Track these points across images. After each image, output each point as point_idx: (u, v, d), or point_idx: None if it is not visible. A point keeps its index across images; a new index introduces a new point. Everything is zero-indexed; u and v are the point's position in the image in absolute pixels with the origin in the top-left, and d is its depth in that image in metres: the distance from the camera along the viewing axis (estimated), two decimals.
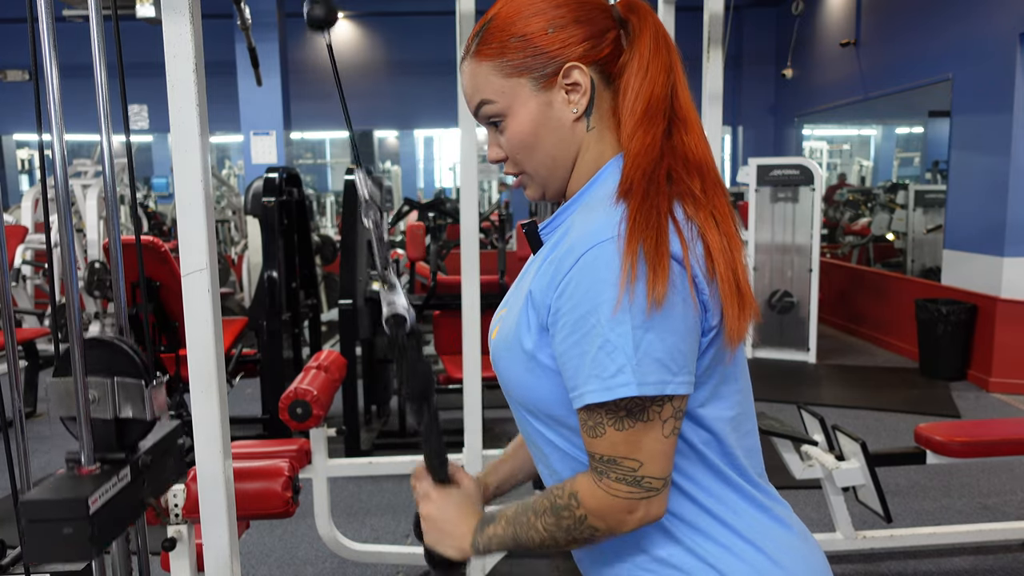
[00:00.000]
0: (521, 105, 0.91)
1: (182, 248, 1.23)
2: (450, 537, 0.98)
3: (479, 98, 0.93)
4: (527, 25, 0.89)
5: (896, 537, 2.79)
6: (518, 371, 0.91)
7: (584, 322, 0.81)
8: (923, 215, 7.51)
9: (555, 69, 0.89)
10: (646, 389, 0.79)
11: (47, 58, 1.01)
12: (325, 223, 9.51)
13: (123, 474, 1.03)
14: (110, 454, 1.04)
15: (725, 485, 0.90)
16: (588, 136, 0.93)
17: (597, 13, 0.91)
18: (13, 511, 1.23)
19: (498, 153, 0.96)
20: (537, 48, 0.89)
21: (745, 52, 10.36)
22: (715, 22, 2.37)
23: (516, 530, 0.91)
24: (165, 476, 1.14)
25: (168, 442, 1.14)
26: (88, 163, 6.79)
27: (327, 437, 2.60)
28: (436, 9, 7.99)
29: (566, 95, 0.91)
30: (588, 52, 0.90)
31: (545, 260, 0.89)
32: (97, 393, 1.04)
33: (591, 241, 0.82)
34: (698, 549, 0.88)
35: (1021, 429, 2.86)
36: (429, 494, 1.02)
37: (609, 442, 0.83)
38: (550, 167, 0.94)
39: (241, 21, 4.79)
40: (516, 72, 0.90)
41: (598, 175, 0.93)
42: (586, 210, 0.90)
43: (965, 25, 5.79)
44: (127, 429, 1.06)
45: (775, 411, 3.30)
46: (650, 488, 0.83)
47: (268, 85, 7.79)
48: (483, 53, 0.92)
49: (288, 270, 4.44)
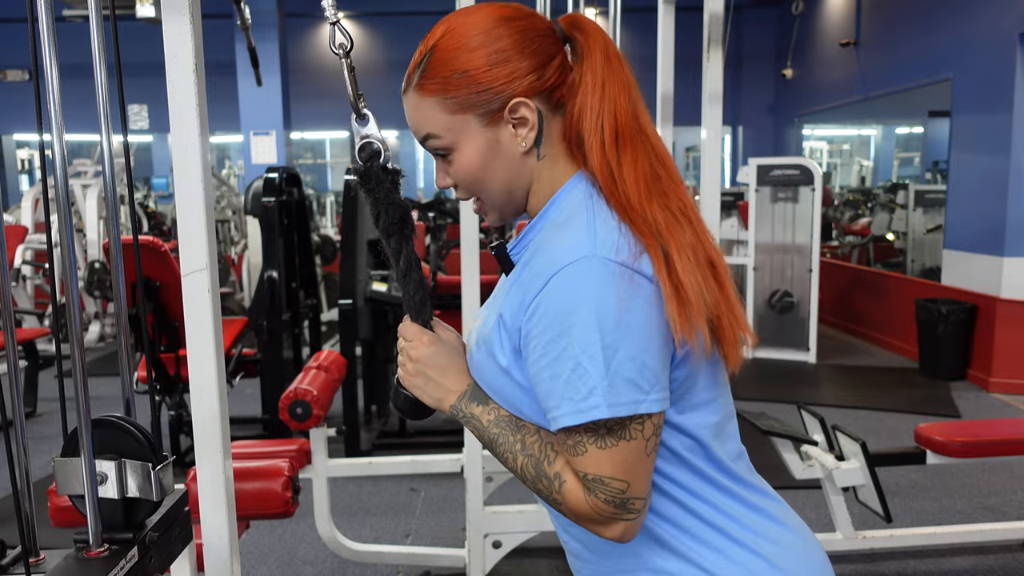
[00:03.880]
0: (468, 141, 0.89)
1: (182, 248, 1.23)
2: (435, 387, 0.94)
3: (424, 131, 0.92)
4: (468, 60, 0.87)
5: (896, 537, 2.79)
6: (492, 380, 0.91)
7: (555, 345, 0.81)
8: (923, 215, 7.51)
9: (500, 105, 0.88)
10: (618, 410, 0.79)
11: (47, 58, 1.01)
12: (325, 223, 9.51)
13: (131, 555, 1.03)
14: (117, 534, 1.04)
15: (715, 488, 0.89)
16: (539, 165, 0.92)
17: (540, 41, 0.89)
18: (13, 511, 1.23)
19: (446, 181, 0.95)
20: (480, 84, 0.87)
21: (745, 52, 10.36)
22: (715, 22, 2.37)
23: (498, 436, 0.90)
24: (171, 550, 1.14)
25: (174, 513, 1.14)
26: (88, 163, 6.80)
27: (327, 437, 2.60)
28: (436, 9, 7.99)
29: (513, 129, 0.89)
30: (533, 84, 0.88)
31: (514, 281, 0.89)
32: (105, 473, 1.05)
33: (559, 263, 0.82)
34: (693, 555, 0.88)
35: (1021, 429, 2.87)
36: (420, 337, 0.96)
37: (592, 460, 0.82)
38: (504, 197, 0.93)
39: (241, 21, 4.80)
40: (460, 109, 0.88)
41: (559, 193, 0.92)
42: (552, 228, 0.89)
43: (965, 25, 5.79)
44: (135, 509, 1.07)
45: (775, 411, 3.30)
46: (633, 510, 0.83)
47: (268, 85, 7.80)
48: (426, 88, 0.89)
49: (288, 270, 4.44)
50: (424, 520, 3.34)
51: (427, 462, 2.81)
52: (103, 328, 6.49)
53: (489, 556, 2.53)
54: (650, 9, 2.86)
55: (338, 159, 13.56)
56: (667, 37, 2.68)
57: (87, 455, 1.01)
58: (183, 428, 3.87)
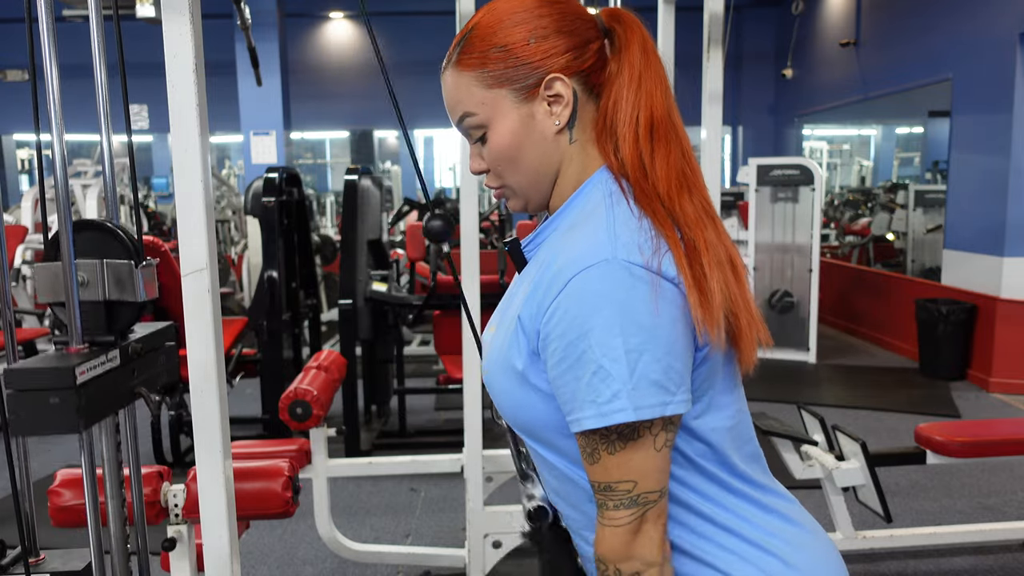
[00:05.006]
0: (503, 117, 0.90)
1: (182, 248, 1.23)
2: None
3: (461, 110, 0.92)
4: (508, 35, 0.88)
5: (896, 537, 2.79)
6: (511, 392, 0.90)
7: (575, 347, 0.80)
8: (923, 215, 7.51)
9: (537, 80, 0.88)
10: (643, 413, 0.79)
11: (47, 58, 1.01)
12: (325, 223, 9.51)
13: (112, 355, 1.00)
14: (100, 337, 1.01)
15: (728, 492, 0.89)
16: (571, 148, 0.92)
17: (580, 23, 0.90)
18: (13, 511, 1.23)
19: (480, 164, 0.95)
20: (518, 59, 0.88)
21: (745, 52, 10.36)
22: (715, 22, 2.37)
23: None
24: (156, 371, 1.12)
25: (159, 338, 1.11)
26: (88, 163, 6.80)
27: (327, 437, 2.60)
28: (436, 9, 7.98)
29: (548, 107, 0.89)
30: (571, 63, 0.88)
31: (532, 282, 0.88)
32: (87, 276, 1.02)
33: (579, 265, 0.81)
34: (708, 557, 0.88)
35: (1021, 429, 2.87)
36: None
37: (603, 467, 0.82)
38: (532, 180, 0.93)
39: (241, 21, 4.80)
40: (497, 83, 0.89)
41: (581, 189, 0.92)
42: (571, 227, 0.89)
43: (965, 25, 5.79)
44: (117, 313, 1.04)
45: (775, 411, 3.30)
46: (647, 502, 0.82)
47: (268, 85, 7.79)
48: (464, 63, 0.90)
49: (288, 270, 4.44)
50: (424, 520, 3.34)
51: (427, 462, 2.81)
52: None
53: (489, 556, 2.53)
54: (650, 9, 2.85)
55: (338, 159, 13.56)
56: (667, 37, 2.68)
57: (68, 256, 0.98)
58: (183, 428, 3.87)
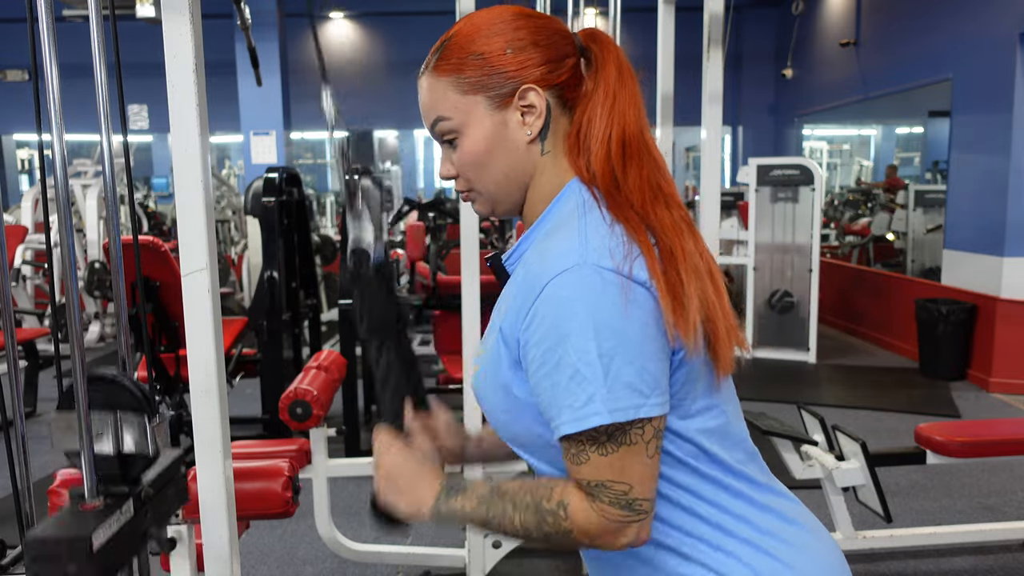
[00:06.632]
0: (476, 123, 0.91)
1: (182, 248, 1.23)
2: (407, 496, 0.94)
3: (435, 115, 0.93)
4: (486, 44, 0.90)
5: (896, 537, 2.79)
6: (499, 404, 0.91)
7: (552, 353, 0.81)
8: (923, 215, 7.51)
9: (511, 90, 0.90)
10: (618, 416, 0.79)
11: (47, 58, 1.01)
12: (325, 223, 9.51)
13: (126, 508, 1.03)
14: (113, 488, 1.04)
15: (723, 491, 0.89)
16: (543, 160, 0.93)
17: (558, 39, 0.92)
18: (13, 511, 1.23)
19: (450, 170, 0.96)
20: (494, 67, 0.89)
21: (745, 52, 10.36)
22: (715, 22, 2.37)
23: (488, 512, 0.88)
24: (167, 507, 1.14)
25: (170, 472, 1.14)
26: (88, 163, 6.80)
27: (327, 437, 2.60)
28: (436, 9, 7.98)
29: (521, 116, 0.91)
30: (546, 76, 0.90)
31: (512, 294, 0.89)
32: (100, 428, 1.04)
33: (553, 271, 0.82)
34: (705, 559, 0.88)
35: (1021, 429, 2.87)
36: (390, 446, 0.98)
37: (594, 467, 0.82)
38: (501, 185, 0.94)
39: (241, 21, 4.79)
40: (473, 90, 0.90)
41: (556, 199, 0.92)
42: (546, 236, 0.90)
43: (965, 25, 5.79)
44: (130, 463, 1.07)
45: (775, 411, 3.30)
46: (640, 511, 0.82)
47: (268, 85, 7.79)
48: (441, 68, 0.91)
49: (288, 270, 4.44)
50: None
51: None
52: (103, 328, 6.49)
53: (489, 556, 2.53)
54: (650, 9, 2.86)
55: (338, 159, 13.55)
56: (667, 37, 2.69)
57: (82, 410, 1.00)
58: (183, 428, 3.87)
